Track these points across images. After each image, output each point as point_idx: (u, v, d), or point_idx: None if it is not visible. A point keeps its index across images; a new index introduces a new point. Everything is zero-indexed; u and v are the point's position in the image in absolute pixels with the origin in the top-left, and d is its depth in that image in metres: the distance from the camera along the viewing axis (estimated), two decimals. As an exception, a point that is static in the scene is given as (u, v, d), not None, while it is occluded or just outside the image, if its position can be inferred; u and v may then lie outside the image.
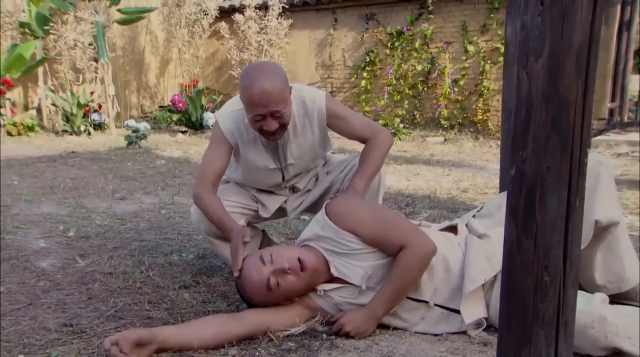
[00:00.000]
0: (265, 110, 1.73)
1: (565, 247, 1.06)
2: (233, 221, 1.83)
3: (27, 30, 7.20)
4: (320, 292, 1.69)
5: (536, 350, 1.09)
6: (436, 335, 1.65)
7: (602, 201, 1.64)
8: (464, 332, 1.65)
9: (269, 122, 1.77)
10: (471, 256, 1.67)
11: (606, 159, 1.74)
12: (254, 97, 1.72)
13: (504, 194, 1.92)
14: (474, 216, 1.92)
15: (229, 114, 1.97)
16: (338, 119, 1.97)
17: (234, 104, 1.98)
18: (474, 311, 1.64)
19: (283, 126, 1.82)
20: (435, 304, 1.68)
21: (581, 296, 1.51)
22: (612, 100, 6.45)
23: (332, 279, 1.70)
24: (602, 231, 1.67)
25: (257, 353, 1.52)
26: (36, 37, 7.21)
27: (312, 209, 2.16)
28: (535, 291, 1.08)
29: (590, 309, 1.45)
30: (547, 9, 0.99)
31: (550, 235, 1.05)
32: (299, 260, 1.61)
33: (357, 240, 1.67)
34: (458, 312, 1.65)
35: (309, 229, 1.77)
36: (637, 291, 1.76)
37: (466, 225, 1.87)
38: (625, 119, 6.30)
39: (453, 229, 1.86)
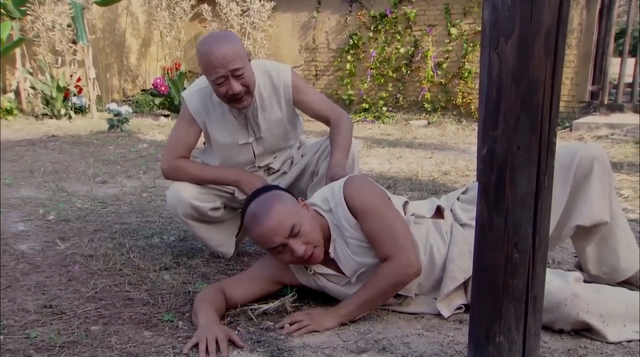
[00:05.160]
0: (225, 70, 1.77)
1: (534, 224, 1.09)
2: (233, 169, 1.96)
3: (2, 11, 7.05)
4: (310, 271, 1.71)
5: (506, 324, 1.12)
6: (413, 314, 1.69)
7: (588, 202, 1.63)
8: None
9: (232, 83, 1.80)
10: (455, 251, 1.66)
11: (601, 153, 1.66)
12: (212, 59, 1.77)
13: None
14: (458, 198, 1.87)
15: (195, 93, 1.99)
16: (303, 95, 2.00)
17: (200, 83, 2.01)
18: (451, 303, 1.66)
19: (248, 91, 1.85)
20: (416, 294, 1.71)
21: (557, 274, 1.55)
22: (594, 82, 6.52)
23: (325, 260, 1.70)
24: (591, 228, 1.67)
25: (237, 332, 1.54)
26: (13, 18, 7.06)
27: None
28: (505, 267, 1.11)
29: (564, 286, 1.49)
30: (517, -9, 1.00)
31: (520, 212, 1.08)
32: (312, 254, 1.60)
33: (359, 228, 1.64)
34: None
35: (323, 198, 1.72)
36: (638, 276, 1.77)
37: (451, 210, 1.82)
38: (606, 102, 6.36)
39: (439, 211, 1.81)
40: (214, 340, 1.42)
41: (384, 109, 7.51)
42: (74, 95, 7.35)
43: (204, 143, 2.14)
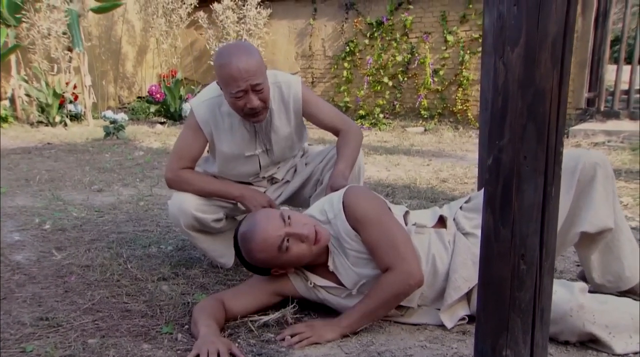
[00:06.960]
0: (246, 84, 1.73)
1: (541, 235, 1.07)
2: (237, 184, 1.97)
3: (-2, 18, 7.03)
4: (310, 283, 1.68)
5: (513, 337, 1.10)
6: (415, 324, 1.66)
7: (592, 208, 1.61)
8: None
9: (250, 98, 1.76)
10: (458, 261, 1.63)
11: (603, 159, 1.65)
12: (234, 72, 1.72)
13: None
14: (461, 208, 1.83)
15: (204, 103, 1.95)
16: (313, 107, 1.98)
17: (209, 92, 1.97)
18: (455, 314, 1.64)
19: (265, 105, 1.82)
20: (419, 305, 1.68)
21: (562, 284, 1.53)
22: (590, 90, 6.53)
23: (324, 272, 1.68)
24: (595, 235, 1.65)
25: (237, 344, 1.52)
26: (8, 26, 7.04)
27: (292, 200, 2.15)
28: (512, 279, 1.09)
29: (569, 296, 1.47)
30: (523, -1, 0.99)
31: (527, 223, 1.06)
32: (315, 231, 1.57)
33: (358, 240, 1.62)
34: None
35: (321, 210, 1.70)
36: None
37: (454, 219, 1.78)
38: (602, 109, 6.37)
39: (442, 221, 1.78)
40: (215, 352, 1.40)
41: (381, 116, 7.51)
42: (70, 102, 7.32)
43: (207, 151, 2.11)
